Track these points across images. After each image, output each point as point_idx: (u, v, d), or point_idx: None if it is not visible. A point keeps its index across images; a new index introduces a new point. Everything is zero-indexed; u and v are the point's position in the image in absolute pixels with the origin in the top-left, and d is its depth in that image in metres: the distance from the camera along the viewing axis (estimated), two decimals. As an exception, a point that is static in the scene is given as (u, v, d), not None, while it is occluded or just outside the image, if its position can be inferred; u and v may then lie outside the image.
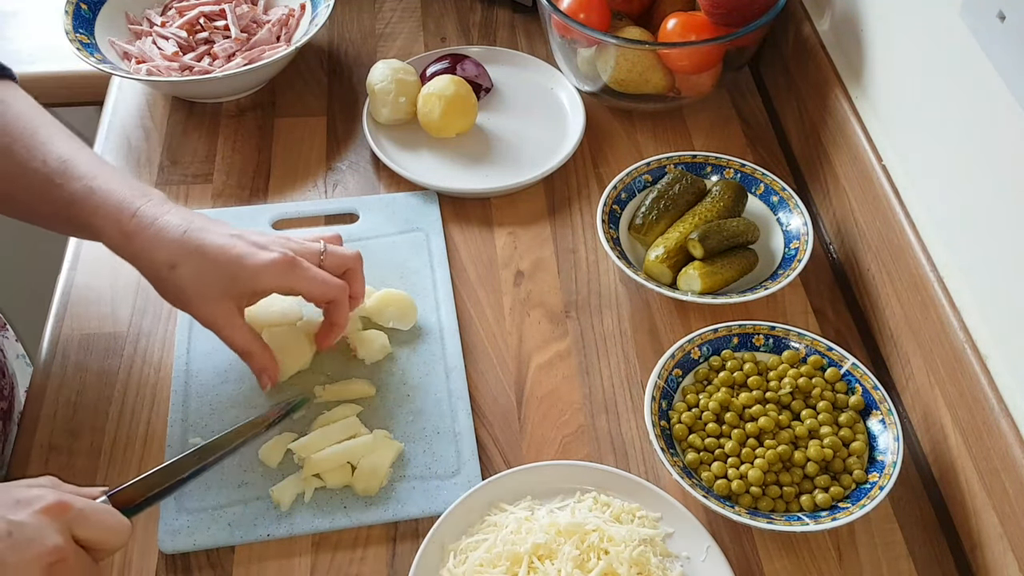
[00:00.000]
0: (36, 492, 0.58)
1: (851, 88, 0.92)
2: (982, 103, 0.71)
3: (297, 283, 0.74)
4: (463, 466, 0.76)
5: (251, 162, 1.00)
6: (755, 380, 0.78)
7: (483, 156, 1.00)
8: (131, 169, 0.98)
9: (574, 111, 1.04)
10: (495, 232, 0.94)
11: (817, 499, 0.72)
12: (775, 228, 0.91)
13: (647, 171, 0.94)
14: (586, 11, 0.97)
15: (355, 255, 0.79)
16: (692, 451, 0.75)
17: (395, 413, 0.79)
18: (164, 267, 0.72)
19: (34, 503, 0.57)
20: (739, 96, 1.09)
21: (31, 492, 0.58)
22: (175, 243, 0.71)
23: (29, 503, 0.57)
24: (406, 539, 0.73)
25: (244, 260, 0.72)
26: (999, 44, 0.66)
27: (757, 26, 0.94)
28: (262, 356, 0.76)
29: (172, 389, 0.80)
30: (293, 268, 0.73)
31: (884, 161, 0.85)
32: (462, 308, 0.87)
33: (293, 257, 0.73)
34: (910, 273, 0.79)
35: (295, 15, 1.08)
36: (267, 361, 0.76)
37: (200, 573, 0.71)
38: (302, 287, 0.74)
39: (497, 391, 0.82)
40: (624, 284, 0.90)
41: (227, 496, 0.73)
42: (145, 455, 0.77)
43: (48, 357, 0.82)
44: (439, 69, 1.04)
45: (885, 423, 0.75)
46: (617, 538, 0.68)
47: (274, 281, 0.73)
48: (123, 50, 1.03)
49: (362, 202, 0.95)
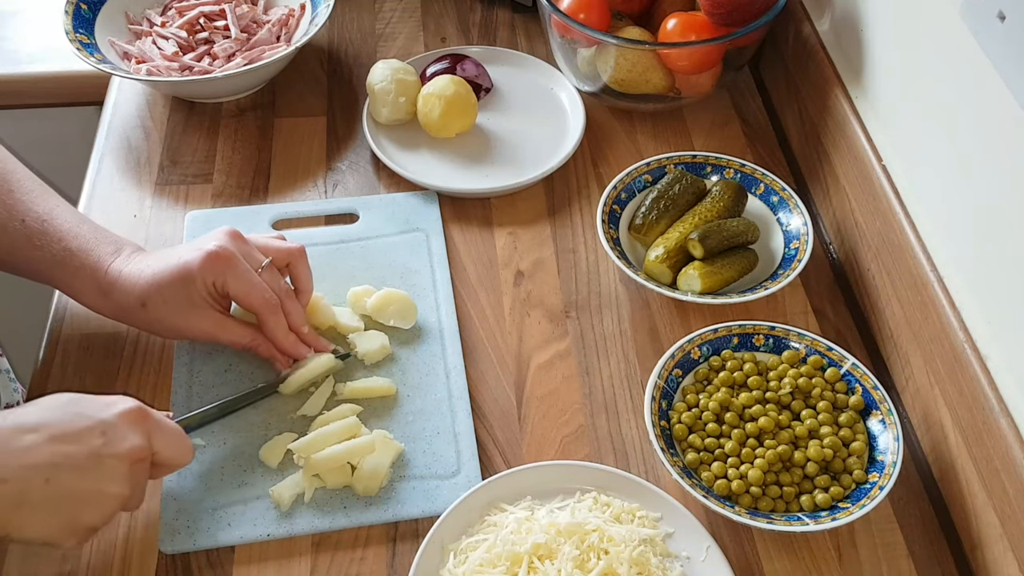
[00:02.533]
0: (117, 397, 0.65)
1: (851, 88, 0.92)
2: (982, 103, 0.71)
3: (229, 280, 0.75)
4: (463, 466, 0.76)
5: (251, 162, 1.00)
6: (755, 380, 0.78)
7: (483, 156, 1.00)
8: (131, 169, 0.98)
9: (574, 111, 1.04)
10: (495, 232, 0.94)
11: (817, 499, 0.72)
12: (775, 228, 0.91)
13: (647, 171, 0.94)
14: (586, 11, 0.97)
15: (298, 248, 0.81)
16: (692, 451, 0.75)
17: (395, 413, 0.79)
18: (139, 309, 0.75)
19: (120, 405, 0.64)
20: (739, 96, 1.09)
21: (113, 397, 0.65)
22: (140, 284, 0.75)
23: (116, 404, 0.64)
24: (406, 539, 0.73)
25: (187, 264, 0.75)
26: (999, 44, 0.66)
27: (757, 26, 0.94)
28: (266, 346, 0.79)
29: (172, 389, 0.80)
30: (226, 263, 0.75)
31: (884, 161, 0.85)
32: (462, 308, 0.87)
33: (230, 253, 0.75)
34: (910, 273, 0.79)
35: (295, 15, 1.08)
36: (271, 350, 0.79)
37: (200, 573, 0.71)
38: (232, 286, 0.76)
39: (497, 391, 0.82)
40: (624, 284, 0.90)
41: (227, 496, 0.73)
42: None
43: (48, 357, 0.82)
44: (439, 69, 1.04)
45: (885, 423, 0.75)
46: (617, 538, 0.68)
47: (212, 274, 0.75)
48: (123, 50, 1.03)
49: (362, 202, 0.95)
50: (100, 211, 0.94)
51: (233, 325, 0.78)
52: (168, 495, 0.73)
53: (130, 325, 0.79)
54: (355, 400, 0.79)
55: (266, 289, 0.77)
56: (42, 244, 0.75)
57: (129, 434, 0.63)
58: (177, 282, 0.74)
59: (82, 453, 0.60)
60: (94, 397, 0.64)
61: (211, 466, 0.75)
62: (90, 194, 0.96)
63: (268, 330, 0.78)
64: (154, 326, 0.77)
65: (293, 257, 0.81)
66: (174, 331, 0.78)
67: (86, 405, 0.63)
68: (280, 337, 0.78)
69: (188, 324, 0.76)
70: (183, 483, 0.74)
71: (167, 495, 0.73)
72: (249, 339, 0.78)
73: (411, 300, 0.84)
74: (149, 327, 0.78)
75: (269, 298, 0.77)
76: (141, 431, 0.64)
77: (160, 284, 0.74)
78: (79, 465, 0.60)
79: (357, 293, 0.85)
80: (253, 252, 0.78)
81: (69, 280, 0.76)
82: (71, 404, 0.63)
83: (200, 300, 0.75)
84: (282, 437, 0.76)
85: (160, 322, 0.76)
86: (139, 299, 0.75)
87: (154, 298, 0.75)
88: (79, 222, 0.78)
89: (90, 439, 0.61)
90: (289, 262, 0.80)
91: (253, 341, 0.78)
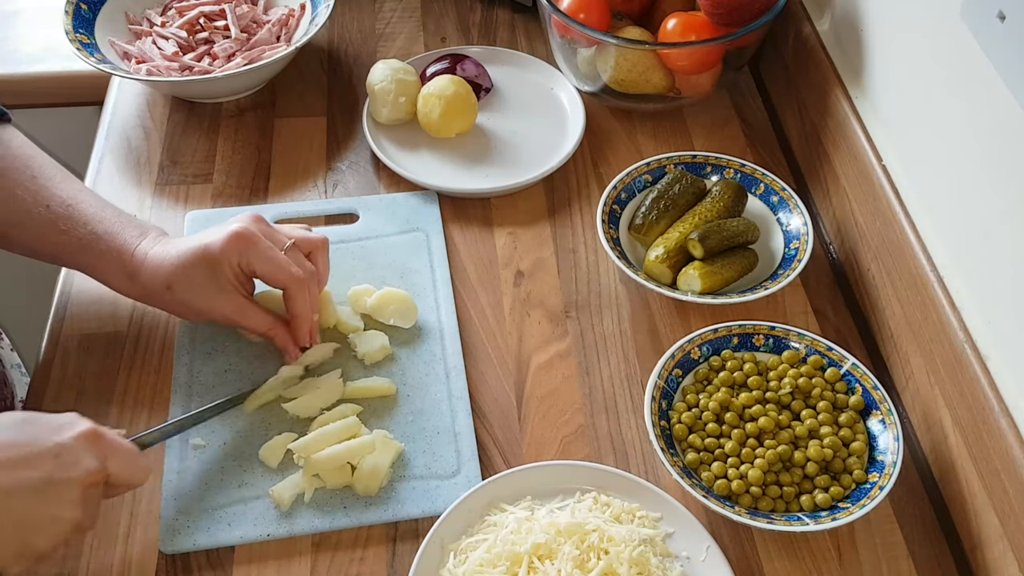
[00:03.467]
0: (69, 417, 0.63)
1: (851, 88, 0.92)
2: (982, 103, 0.71)
3: (253, 259, 0.75)
4: (463, 466, 0.76)
5: (251, 162, 1.00)
6: (755, 380, 0.78)
7: (483, 156, 1.00)
8: (131, 169, 0.98)
9: (574, 111, 1.04)
10: (495, 232, 0.94)
11: (817, 499, 0.72)
12: (775, 228, 0.91)
13: (647, 171, 0.94)
14: (586, 11, 0.97)
15: (321, 239, 0.81)
16: (692, 451, 0.75)
17: (395, 413, 0.79)
18: (164, 292, 0.76)
19: (73, 427, 0.62)
20: (739, 96, 1.09)
21: (66, 417, 0.63)
22: (165, 266, 0.75)
23: (69, 426, 0.62)
24: (406, 539, 0.73)
25: (210, 246, 0.75)
26: (999, 44, 0.66)
27: (757, 26, 0.94)
28: (284, 335, 0.79)
29: (172, 389, 0.80)
30: (249, 243, 0.75)
31: (884, 161, 0.85)
32: (462, 308, 0.87)
33: (251, 232, 0.75)
34: (910, 273, 0.79)
35: (295, 15, 1.08)
36: (287, 339, 0.79)
37: (200, 573, 0.71)
38: (257, 265, 0.76)
39: (497, 391, 0.82)
40: (624, 284, 0.90)
41: (227, 496, 0.73)
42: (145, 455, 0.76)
43: (48, 357, 0.82)
44: (439, 69, 1.04)
45: (885, 423, 0.75)
46: (617, 538, 0.68)
47: (236, 254, 0.75)
48: (123, 50, 1.03)
49: (362, 202, 0.95)
50: (100, 211, 0.94)
51: (255, 311, 0.78)
52: (168, 495, 0.73)
53: (156, 307, 0.80)
54: (355, 400, 0.79)
55: (291, 264, 0.77)
56: (68, 228, 0.76)
57: (83, 457, 0.61)
58: (202, 264, 0.75)
59: (35, 478, 0.58)
60: (47, 418, 0.62)
61: (211, 466, 0.75)
62: (90, 194, 0.96)
63: (296, 306, 0.77)
64: (179, 308, 0.78)
65: (315, 247, 0.81)
66: (198, 314, 0.78)
67: (39, 427, 0.61)
68: (305, 312, 0.78)
69: (212, 306, 0.77)
70: (183, 483, 0.74)
71: (167, 495, 0.73)
72: (268, 326, 0.79)
73: (411, 299, 0.84)
74: (174, 309, 0.79)
75: (296, 272, 0.77)
76: (95, 453, 0.62)
77: (185, 266, 0.75)
78: (32, 490, 0.58)
79: (357, 293, 0.85)
80: (276, 234, 0.78)
81: (95, 263, 0.77)
82: (23, 425, 0.61)
83: (225, 282, 0.76)
84: (282, 437, 0.76)
85: (185, 304, 0.77)
86: (165, 281, 0.75)
87: (180, 280, 0.75)
88: (103, 207, 0.79)
89: (43, 463, 0.59)
90: (311, 251, 0.80)
91: (272, 329, 0.79)
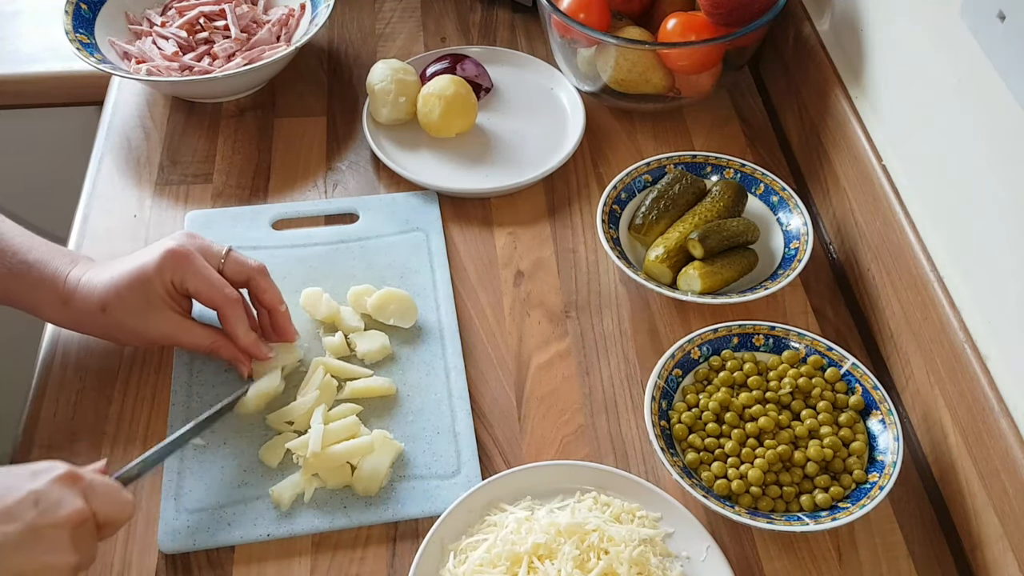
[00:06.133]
0: (45, 464, 0.61)
1: (851, 88, 0.92)
2: (982, 103, 0.71)
3: (188, 277, 0.75)
4: (463, 466, 0.76)
5: (251, 162, 1.00)
6: (755, 380, 0.78)
7: (483, 156, 1.00)
8: (131, 169, 0.98)
9: (574, 111, 1.04)
10: (495, 232, 0.94)
11: (817, 499, 0.72)
12: (775, 228, 0.91)
13: (647, 171, 0.94)
14: (586, 11, 0.97)
15: (258, 265, 0.79)
16: (692, 451, 0.75)
17: (395, 413, 0.79)
18: (99, 314, 0.75)
19: (49, 472, 0.60)
20: (739, 96, 1.09)
21: (40, 465, 0.61)
22: (99, 288, 0.75)
23: (45, 472, 0.60)
24: (406, 539, 0.73)
25: (145, 265, 0.74)
26: (999, 44, 0.66)
27: (757, 26, 0.94)
28: (227, 347, 0.78)
29: (172, 389, 0.80)
30: (183, 260, 0.75)
31: (884, 161, 0.85)
32: (462, 308, 0.87)
33: (188, 250, 0.75)
34: (910, 273, 0.79)
35: (295, 15, 1.08)
36: (234, 351, 0.78)
37: (200, 573, 0.71)
38: (191, 283, 0.75)
39: (497, 391, 0.82)
40: (624, 284, 0.90)
41: (227, 496, 0.73)
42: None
43: (48, 357, 0.82)
44: (439, 69, 1.04)
45: (885, 423, 0.75)
46: (617, 538, 0.68)
47: (170, 271, 0.74)
48: (123, 50, 1.03)
49: (362, 202, 0.95)
50: (100, 211, 0.94)
51: (193, 326, 0.77)
52: (168, 495, 0.73)
53: (90, 334, 0.79)
54: (355, 400, 0.79)
55: (225, 284, 0.76)
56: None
57: (64, 499, 0.59)
58: (136, 283, 0.74)
59: (18, 530, 0.57)
60: (19, 467, 0.61)
61: (211, 466, 0.75)
62: (90, 194, 0.96)
63: (228, 326, 0.77)
64: (114, 332, 0.77)
65: (248, 272, 0.78)
66: (135, 335, 0.77)
67: (12, 477, 0.59)
68: (240, 334, 0.77)
69: (148, 326, 0.75)
70: (183, 483, 0.74)
71: (167, 495, 0.73)
72: (210, 341, 0.77)
73: (411, 299, 0.84)
74: (109, 334, 0.77)
75: (229, 293, 0.76)
76: (76, 493, 0.60)
77: (119, 286, 0.74)
78: (19, 543, 0.57)
79: (357, 292, 0.85)
80: (211, 247, 0.77)
81: (27, 292, 0.75)
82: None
83: (159, 301, 0.75)
84: (282, 437, 0.76)
85: (120, 326, 0.75)
86: (99, 303, 0.74)
87: (114, 301, 0.74)
88: (30, 237, 0.77)
89: (23, 513, 0.57)
90: (248, 278, 0.78)
91: (214, 343, 0.77)
